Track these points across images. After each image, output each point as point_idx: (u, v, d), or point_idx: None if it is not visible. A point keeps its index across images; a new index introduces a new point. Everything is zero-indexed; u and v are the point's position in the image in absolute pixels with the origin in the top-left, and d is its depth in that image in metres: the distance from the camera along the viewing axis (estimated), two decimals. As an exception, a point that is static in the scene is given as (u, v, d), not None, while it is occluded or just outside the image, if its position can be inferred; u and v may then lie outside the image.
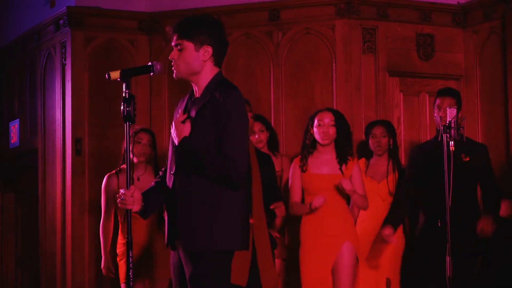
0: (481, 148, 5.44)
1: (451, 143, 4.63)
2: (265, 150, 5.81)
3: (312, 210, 5.18)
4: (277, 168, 5.85)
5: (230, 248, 3.57)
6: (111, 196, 5.49)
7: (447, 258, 4.60)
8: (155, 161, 5.63)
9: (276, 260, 5.72)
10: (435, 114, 5.35)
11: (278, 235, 5.71)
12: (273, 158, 5.80)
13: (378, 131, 5.86)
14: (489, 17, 6.61)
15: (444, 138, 4.65)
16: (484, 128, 6.63)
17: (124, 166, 5.51)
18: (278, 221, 5.55)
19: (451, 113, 4.64)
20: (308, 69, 6.60)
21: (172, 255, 3.69)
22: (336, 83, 6.49)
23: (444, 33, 6.81)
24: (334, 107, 6.39)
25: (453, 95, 5.37)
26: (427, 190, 5.33)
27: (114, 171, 5.57)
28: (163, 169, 3.81)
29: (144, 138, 5.53)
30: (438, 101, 5.34)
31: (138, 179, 5.46)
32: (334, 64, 6.52)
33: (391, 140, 5.87)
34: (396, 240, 5.47)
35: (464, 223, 5.12)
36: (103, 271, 5.57)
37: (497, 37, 6.55)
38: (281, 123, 6.56)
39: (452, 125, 4.61)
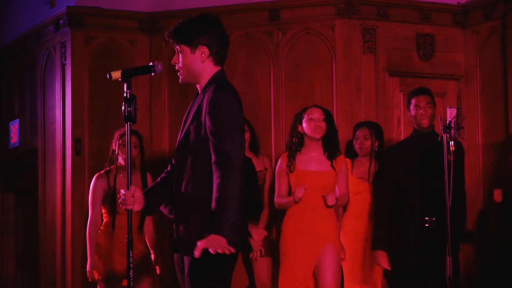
0: (457, 145, 5.39)
1: (451, 143, 4.63)
2: (246, 151, 5.79)
3: (296, 202, 5.19)
4: (261, 168, 5.84)
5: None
6: (99, 196, 5.47)
7: (447, 258, 4.60)
8: (141, 164, 5.56)
9: (266, 259, 5.73)
10: (412, 114, 5.33)
11: (266, 233, 5.72)
12: (255, 159, 5.79)
13: (361, 133, 5.80)
14: (489, 17, 6.61)
15: (444, 138, 4.65)
16: (484, 128, 6.63)
17: (113, 166, 5.51)
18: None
19: (451, 113, 4.64)
20: (308, 69, 6.59)
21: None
22: (336, 83, 6.49)
23: (444, 33, 6.81)
24: (334, 107, 6.41)
25: (428, 93, 5.39)
26: (410, 190, 5.30)
27: (103, 171, 5.56)
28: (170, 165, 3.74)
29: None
30: (414, 101, 5.33)
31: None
32: (334, 64, 6.52)
33: (377, 142, 5.80)
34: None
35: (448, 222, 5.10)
36: (88, 274, 5.45)
37: (497, 37, 6.55)
38: (281, 123, 6.56)
39: (452, 125, 4.61)
